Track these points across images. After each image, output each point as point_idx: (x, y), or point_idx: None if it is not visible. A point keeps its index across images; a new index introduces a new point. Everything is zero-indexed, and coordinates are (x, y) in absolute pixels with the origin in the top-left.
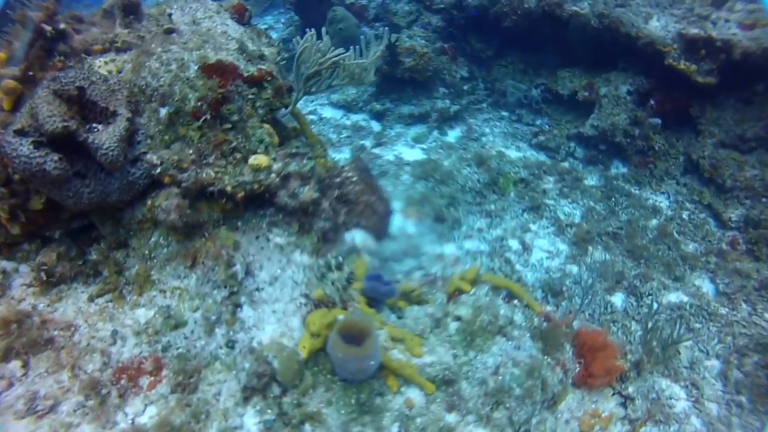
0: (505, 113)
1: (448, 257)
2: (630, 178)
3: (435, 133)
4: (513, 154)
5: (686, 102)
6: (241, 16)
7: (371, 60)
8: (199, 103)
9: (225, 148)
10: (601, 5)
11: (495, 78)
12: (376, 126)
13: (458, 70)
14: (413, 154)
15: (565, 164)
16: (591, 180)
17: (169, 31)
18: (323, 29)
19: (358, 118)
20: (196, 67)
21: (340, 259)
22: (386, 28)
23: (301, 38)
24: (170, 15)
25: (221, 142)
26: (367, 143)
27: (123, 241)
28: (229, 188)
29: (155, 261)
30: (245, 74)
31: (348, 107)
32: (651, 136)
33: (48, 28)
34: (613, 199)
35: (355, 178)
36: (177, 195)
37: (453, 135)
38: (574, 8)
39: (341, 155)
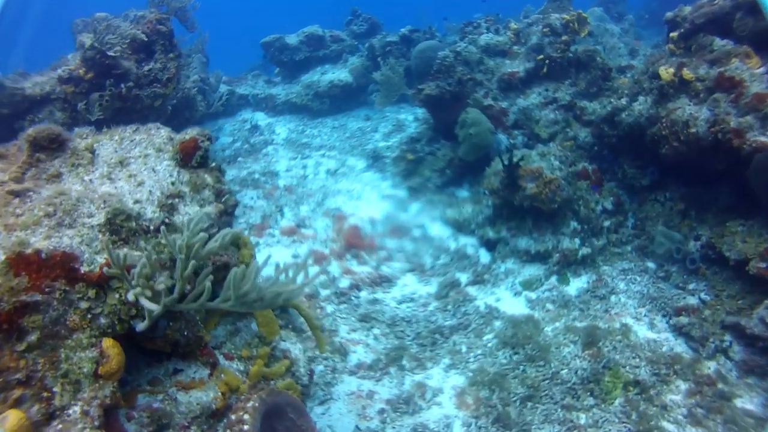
0: (651, 264)
1: None
2: None
3: (553, 279)
4: (641, 332)
5: None
6: (187, 157)
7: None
8: None
9: (6, 379)
10: None
11: (646, 215)
12: (484, 257)
13: (601, 201)
14: (513, 306)
15: (710, 366)
16: (746, 401)
17: (14, 194)
18: None
19: (467, 242)
20: (2, 258)
21: None
22: (508, 145)
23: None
24: (94, 152)
25: (3, 369)
26: (464, 278)
27: None
28: None
29: None
30: (83, 270)
31: (459, 227)
32: None
33: None
34: None
35: (246, 427)
36: None
37: (576, 286)
38: (762, 139)
39: (428, 289)
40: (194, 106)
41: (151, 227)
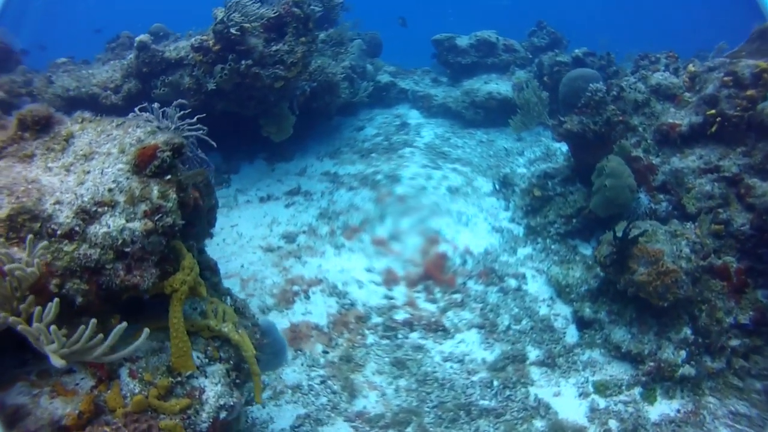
0: None
1: None
2: None
3: (636, 391)
4: None
5: None
6: (142, 164)
7: None
8: None
9: None
10: None
11: None
12: (571, 336)
13: (735, 312)
14: (570, 409)
15: None
16: None
17: None
18: None
19: (561, 312)
20: None
21: None
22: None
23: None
24: (69, 140)
25: None
26: (533, 354)
27: None
28: None
29: None
30: None
31: (559, 291)
32: None
33: None
34: None
35: None
36: None
37: (660, 409)
38: None
39: (486, 354)
40: (336, 92)
41: (58, 232)
